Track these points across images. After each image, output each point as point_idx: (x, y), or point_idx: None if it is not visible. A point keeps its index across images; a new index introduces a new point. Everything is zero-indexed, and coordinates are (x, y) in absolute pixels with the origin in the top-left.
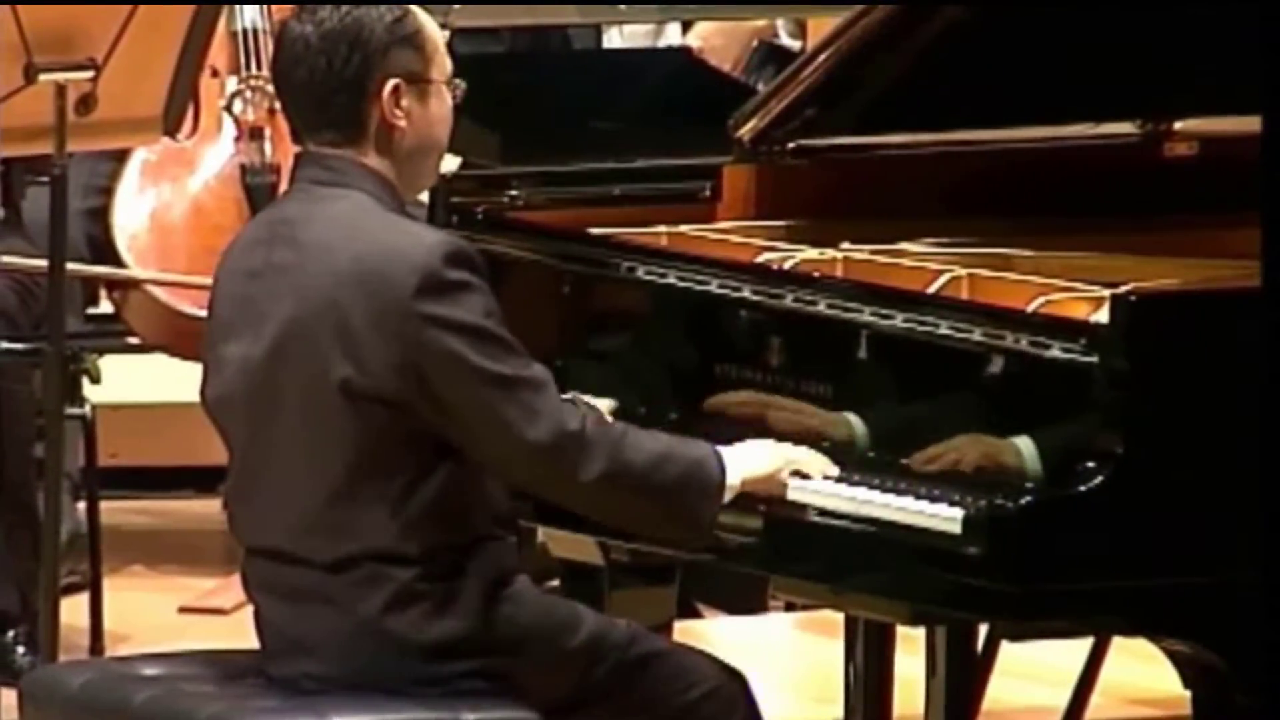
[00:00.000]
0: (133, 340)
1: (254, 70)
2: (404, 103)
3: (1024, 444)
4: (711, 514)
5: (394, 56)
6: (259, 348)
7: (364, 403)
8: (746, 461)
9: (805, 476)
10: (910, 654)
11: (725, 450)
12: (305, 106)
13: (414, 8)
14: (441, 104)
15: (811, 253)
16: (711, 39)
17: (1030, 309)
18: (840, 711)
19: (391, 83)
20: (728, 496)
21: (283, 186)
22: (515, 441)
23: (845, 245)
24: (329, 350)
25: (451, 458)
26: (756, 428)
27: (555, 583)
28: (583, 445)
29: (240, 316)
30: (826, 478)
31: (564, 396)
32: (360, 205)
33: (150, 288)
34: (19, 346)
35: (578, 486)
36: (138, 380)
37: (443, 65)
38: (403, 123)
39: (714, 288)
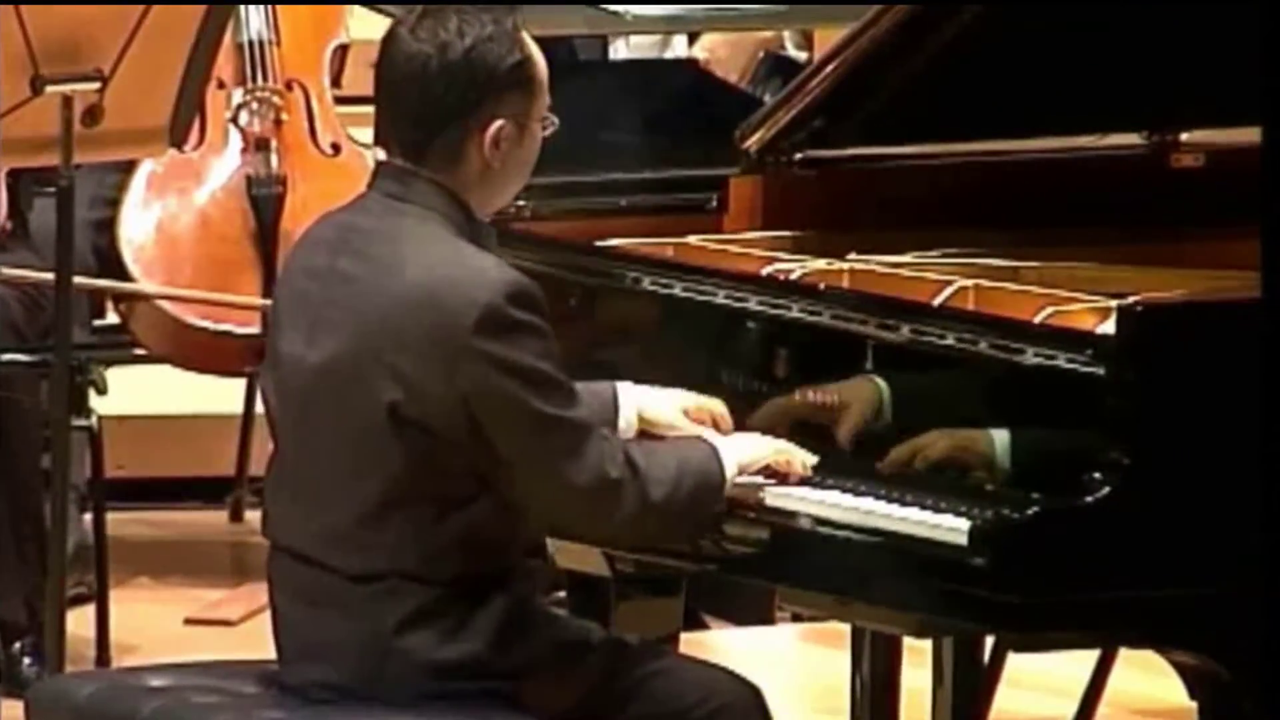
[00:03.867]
0: (139, 352)
1: (260, 82)
2: (503, 144)
3: (998, 435)
4: (721, 509)
5: (506, 99)
6: (314, 354)
7: (409, 428)
8: (739, 451)
9: (784, 477)
10: (917, 665)
11: (719, 442)
12: (407, 125)
13: (530, 44)
14: (534, 141)
15: (818, 264)
16: (718, 50)
17: (1036, 320)
18: None
19: (497, 124)
20: (729, 489)
21: (289, 198)
22: (557, 486)
23: (852, 256)
24: (381, 371)
25: (490, 490)
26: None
27: (562, 594)
28: (617, 491)
29: (298, 314)
30: (806, 483)
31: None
32: (432, 227)
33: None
34: (25, 358)
35: (610, 529)
36: (144, 392)
37: (543, 104)
38: (497, 162)
39: (720, 299)
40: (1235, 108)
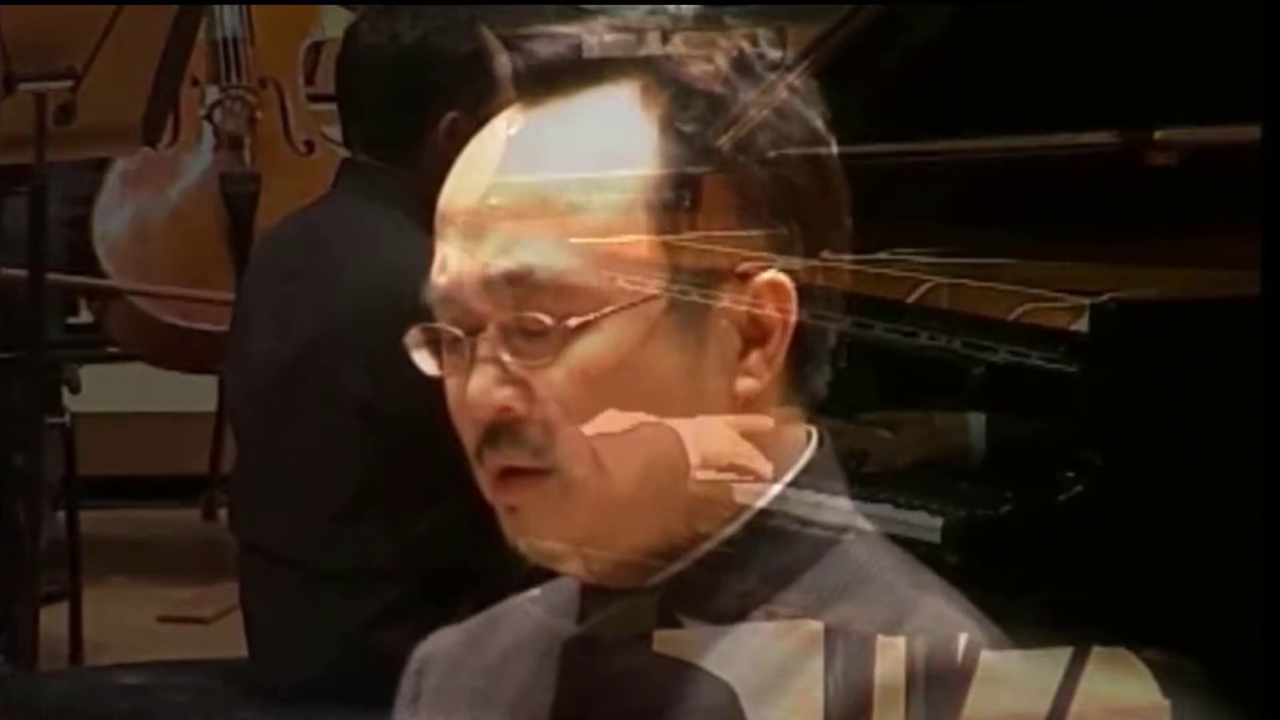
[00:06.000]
0: (113, 350)
1: (234, 79)
2: (458, 137)
3: (974, 419)
4: (684, 503)
5: (460, 92)
6: (283, 351)
7: (379, 425)
8: (706, 443)
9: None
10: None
11: (685, 432)
12: (364, 120)
13: (491, 39)
14: None
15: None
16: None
17: (1010, 318)
18: None
19: (450, 116)
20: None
21: (263, 195)
22: None
23: (824, 254)
24: (351, 369)
25: (461, 488)
26: None
27: (536, 592)
28: None
29: (267, 313)
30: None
31: None
32: (399, 226)
33: (131, 297)
34: None
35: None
36: (117, 389)
37: (505, 101)
38: (453, 153)
39: (695, 298)
40: (1210, 106)
